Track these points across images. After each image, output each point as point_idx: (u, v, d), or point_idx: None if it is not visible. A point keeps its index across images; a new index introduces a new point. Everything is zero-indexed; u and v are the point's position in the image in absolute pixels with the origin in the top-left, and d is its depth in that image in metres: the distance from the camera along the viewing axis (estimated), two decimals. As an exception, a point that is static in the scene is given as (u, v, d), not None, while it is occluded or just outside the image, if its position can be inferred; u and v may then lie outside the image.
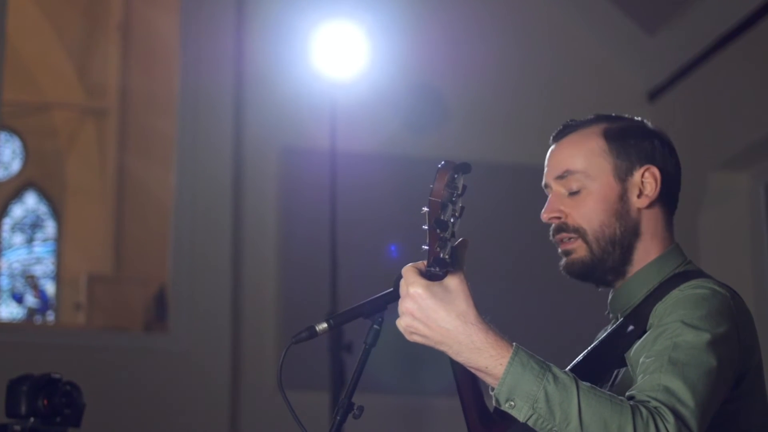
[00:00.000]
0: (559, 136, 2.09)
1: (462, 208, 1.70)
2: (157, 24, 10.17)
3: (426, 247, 1.70)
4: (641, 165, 2.02)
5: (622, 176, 2.01)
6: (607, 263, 2.01)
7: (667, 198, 2.05)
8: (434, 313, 1.71)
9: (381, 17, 6.42)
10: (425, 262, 1.74)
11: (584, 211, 2.01)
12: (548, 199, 2.06)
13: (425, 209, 1.69)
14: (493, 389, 1.73)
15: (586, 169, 2.02)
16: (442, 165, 1.69)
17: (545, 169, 2.08)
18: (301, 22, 6.11)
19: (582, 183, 2.01)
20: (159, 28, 10.00)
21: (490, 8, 6.97)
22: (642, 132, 2.06)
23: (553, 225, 2.04)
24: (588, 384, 1.71)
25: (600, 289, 2.09)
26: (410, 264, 1.75)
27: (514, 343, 1.73)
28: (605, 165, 2.02)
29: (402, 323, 1.74)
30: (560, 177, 2.04)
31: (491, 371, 1.72)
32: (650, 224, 2.02)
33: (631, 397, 1.73)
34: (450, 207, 1.68)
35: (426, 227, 1.69)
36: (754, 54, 5.97)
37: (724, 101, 6.19)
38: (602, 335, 2.16)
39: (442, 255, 1.68)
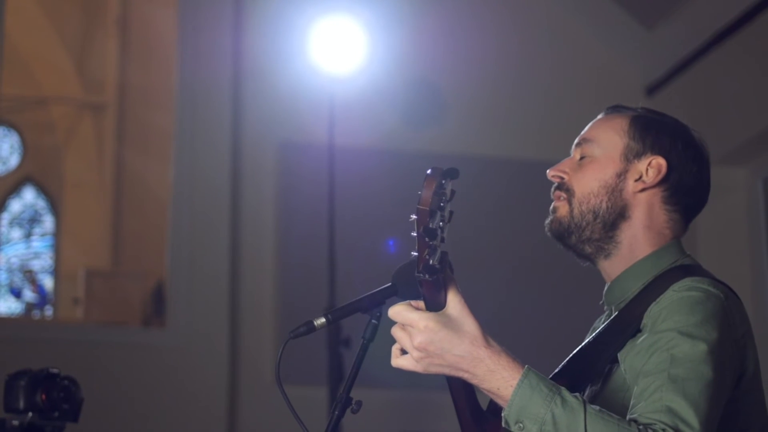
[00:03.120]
0: (602, 113, 2.14)
1: (451, 212, 1.69)
2: (155, 19, 10.17)
3: (415, 254, 1.70)
4: (652, 154, 2.04)
5: (629, 157, 2.04)
6: (585, 232, 2.02)
7: (674, 197, 2.05)
8: (448, 343, 1.73)
9: (379, 12, 6.42)
10: (407, 302, 1.76)
11: (580, 176, 2.04)
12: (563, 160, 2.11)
13: (413, 217, 1.69)
14: (504, 411, 1.75)
15: (599, 140, 2.06)
16: (430, 172, 1.68)
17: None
18: (299, 16, 6.11)
19: (591, 151, 2.06)
20: (157, 23, 10.00)
21: (488, 3, 6.97)
22: (670, 130, 2.08)
23: (555, 183, 2.09)
24: (597, 407, 1.72)
25: (585, 265, 2.10)
26: (396, 305, 1.76)
27: (525, 366, 1.75)
28: (618, 142, 2.05)
29: (414, 357, 1.75)
30: (578, 144, 2.09)
31: (502, 393, 1.74)
32: (644, 213, 2.03)
33: (634, 420, 1.73)
34: (438, 214, 1.67)
35: (415, 234, 1.69)
36: (752, 49, 5.97)
37: (723, 96, 6.19)
38: (598, 325, 2.17)
39: (431, 262, 1.68)
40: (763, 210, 6.23)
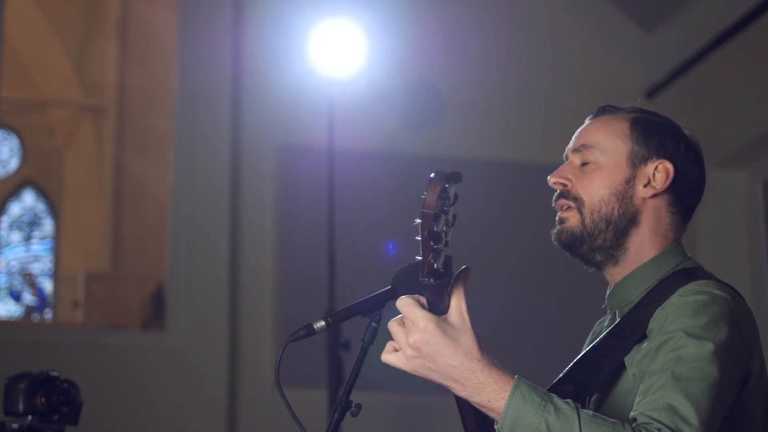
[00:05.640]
0: (594, 116, 2.11)
1: (454, 216, 1.69)
2: (154, 22, 10.17)
3: (419, 258, 1.69)
4: (657, 158, 2.02)
5: (635, 162, 2.02)
6: (597, 240, 2.01)
7: (679, 200, 2.05)
8: (443, 349, 1.72)
9: (379, 15, 6.42)
10: (417, 297, 1.75)
11: (587, 183, 2.02)
12: (561, 166, 2.07)
13: (418, 221, 1.68)
14: (497, 423, 1.74)
15: (601, 145, 2.03)
16: (434, 176, 1.68)
17: (570, 143, 2.10)
18: (299, 19, 6.11)
19: (594, 157, 2.03)
20: (157, 26, 10.00)
21: (488, 6, 6.97)
22: (671, 132, 2.06)
23: (557, 191, 2.06)
24: (590, 412, 1.72)
25: (591, 271, 2.09)
26: (405, 297, 1.75)
27: (516, 376, 1.74)
28: (621, 147, 2.03)
29: (407, 354, 1.74)
30: (577, 150, 2.06)
31: (493, 405, 1.73)
32: (652, 218, 2.02)
33: (634, 419, 1.74)
34: (443, 217, 1.67)
35: (419, 238, 1.69)
36: (751, 52, 5.98)
37: (722, 99, 6.20)
38: (598, 329, 2.16)
39: (436, 266, 1.67)
40: (763, 213, 6.23)
